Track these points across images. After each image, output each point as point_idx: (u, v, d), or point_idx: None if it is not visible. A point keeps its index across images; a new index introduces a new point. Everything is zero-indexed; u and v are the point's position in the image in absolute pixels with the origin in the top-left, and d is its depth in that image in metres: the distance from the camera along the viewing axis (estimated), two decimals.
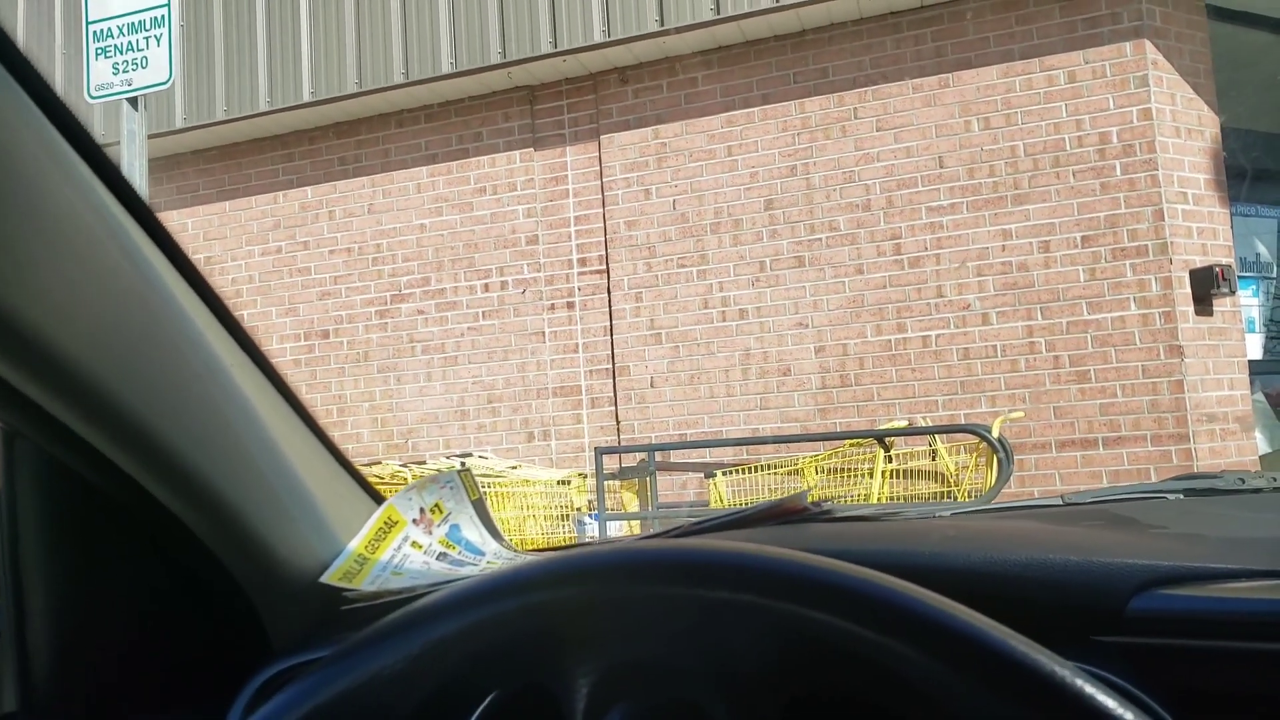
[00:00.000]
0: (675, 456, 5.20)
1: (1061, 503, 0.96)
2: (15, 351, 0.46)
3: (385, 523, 0.80)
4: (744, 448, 5.07)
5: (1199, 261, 4.58)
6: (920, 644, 0.35)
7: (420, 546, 0.82)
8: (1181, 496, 0.93)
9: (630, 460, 5.27)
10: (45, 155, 0.47)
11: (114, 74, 3.69)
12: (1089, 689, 0.33)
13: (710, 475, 5.00)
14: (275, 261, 6.10)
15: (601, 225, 5.48)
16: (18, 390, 0.51)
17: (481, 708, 0.50)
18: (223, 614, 0.72)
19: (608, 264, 5.44)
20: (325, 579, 0.72)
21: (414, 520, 0.83)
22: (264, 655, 0.72)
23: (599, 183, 5.50)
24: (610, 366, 5.41)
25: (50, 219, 0.46)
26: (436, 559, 0.83)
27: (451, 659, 0.41)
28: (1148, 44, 4.64)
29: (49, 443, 0.57)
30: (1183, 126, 4.67)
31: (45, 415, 0.54)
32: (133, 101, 3.83)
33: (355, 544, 0.76)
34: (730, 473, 4.95)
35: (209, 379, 0.60)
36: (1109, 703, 0.32)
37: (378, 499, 0.83)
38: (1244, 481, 0.97)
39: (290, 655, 0.71)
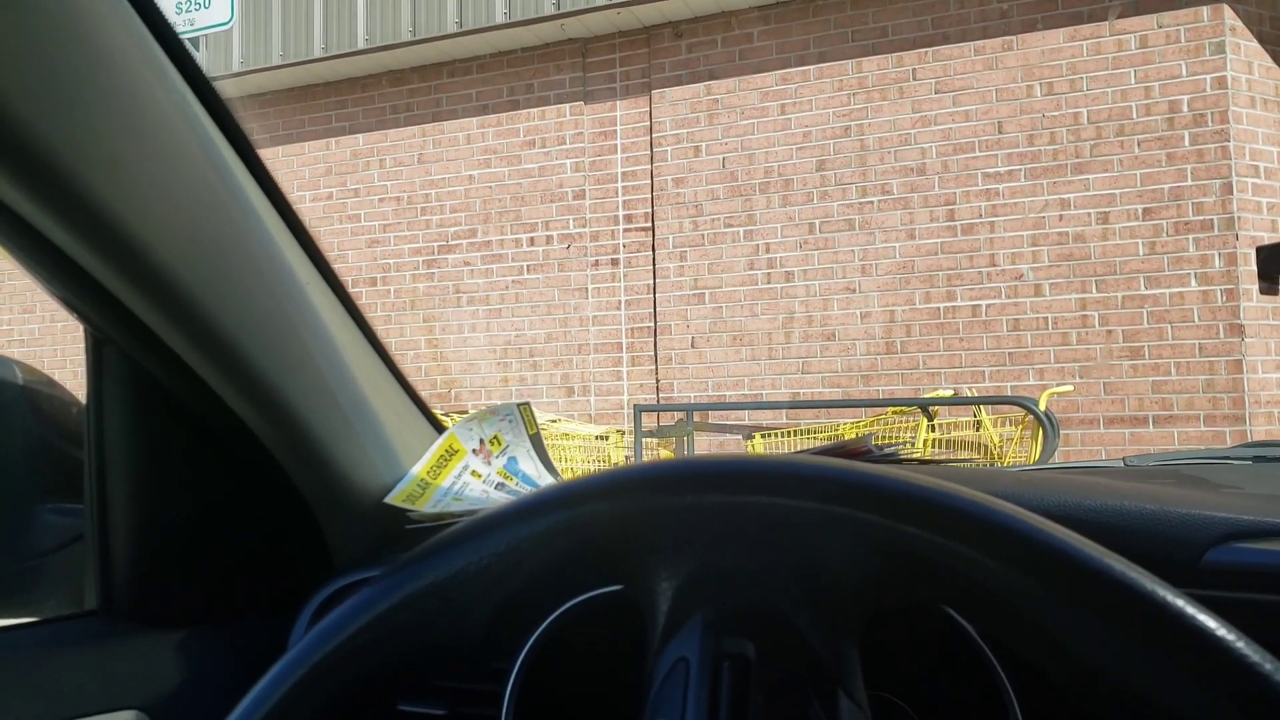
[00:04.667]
0: (714, 417, 5.20)
1: (1123, 465, 0.94)
2: (106, 247, 0.48)
3: (447, 450, 0.81)
4: (784, 412, 5.04)
5: (1267, 238, 4.42)
6: (1014, 560, 0.35)
7: (479, 476, 0.83)
8: (1250, 462, 0.90)
9: (669, 419, 5.28)
10: (142, 60, 0.47)
11: (177, 13, 3.72)
12: (1190, 609, 0.32)
13: (749, 437, 5.00)
14: (326, 208, 6.17)
15: (649, 182, 5.43)
16: (107, 291, 0.52)
17: (558, 612, 0.51)
18: (289, 532, 0.74)
19: (653, 221, 5.41)
20: (389, 500, 0.74)
21: (474, 450, 0.84)
22: (326, 573, 0.74)
23: (648, 138, 5.44)
24: (652, 324, 5.40)
25: (144, 121, 0.47)
26: (495, 489, 0.84)
27: (534, 560, 0.42)
28: (1226, 9, 4.43)
29: (134, 348, 0.59)
30: (1259, 97, 4.48)
31: (132, 319, 0.55)
32: (194, 42, 3.87)
33: (418, 469, 0.77)
34: (769, 435, 4.94)
35: (285, 295, 0.61)
36: (1210, 623, 0.32)
37: (439, 427, 0.84)
38: None
39: (353, 572, 0.72)
